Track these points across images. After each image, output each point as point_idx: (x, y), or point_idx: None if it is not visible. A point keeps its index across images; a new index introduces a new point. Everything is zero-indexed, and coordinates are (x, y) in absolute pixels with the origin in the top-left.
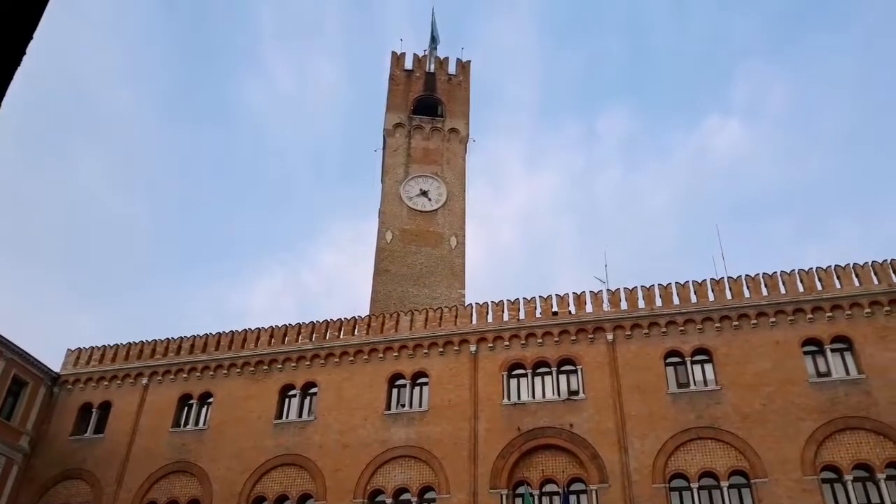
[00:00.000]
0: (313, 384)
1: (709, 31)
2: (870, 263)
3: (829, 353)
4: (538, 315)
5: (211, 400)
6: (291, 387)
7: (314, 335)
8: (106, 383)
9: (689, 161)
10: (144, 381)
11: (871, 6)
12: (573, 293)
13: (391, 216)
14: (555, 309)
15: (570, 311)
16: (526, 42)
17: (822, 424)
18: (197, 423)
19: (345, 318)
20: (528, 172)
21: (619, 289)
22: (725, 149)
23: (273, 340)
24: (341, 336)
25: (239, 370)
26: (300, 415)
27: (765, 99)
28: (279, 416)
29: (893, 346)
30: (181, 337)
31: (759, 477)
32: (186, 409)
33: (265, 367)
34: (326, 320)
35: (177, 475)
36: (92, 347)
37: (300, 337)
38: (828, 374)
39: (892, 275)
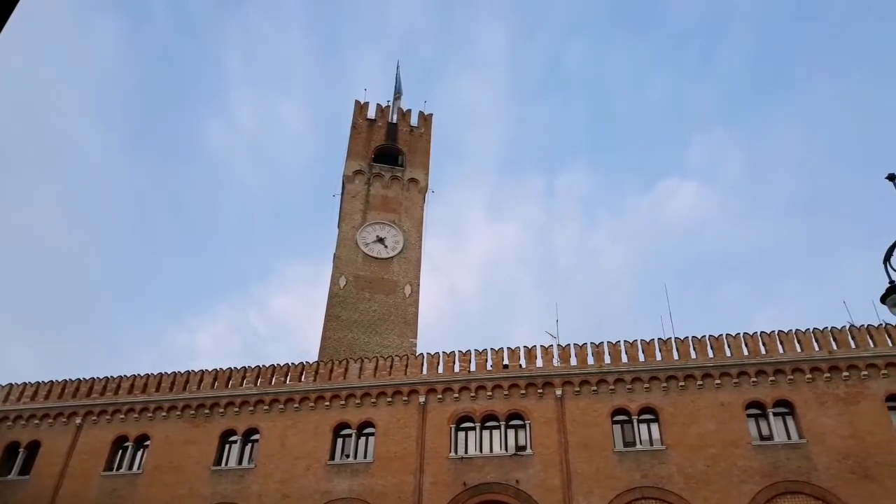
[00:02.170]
0: (255, 430)
1: (668, 98)
2: (811, 330)
3: (771, 417)
4: (489, 367)
5: (147, 443)
6: (233, 432)
7: (259, 380)
8: (36, 421)
9: (643, 221)
10: (78, 420)
11: (818, 81)
12: (524, 347)
13: (346, 262)
14: (505, 362)
15: (520, 365)
16: (494, 98)
17: (763, 487)
18: (131, 467)
19: (292, 364)
20: (487, 224)
21: (569, 345)
22: (679, 210)
23: (216, 383)
24: (287, 382)
25: (179, 413)
26: (240, 462)
27: (719, 165)
28: (218, 462)
29: (832, 411)
30: (120, 376)
31: None
32: (121, 451)
33: (206, 411)
34: (273, 365)
35: None
36: (24, 383)
37: (244, 381)
38: (770, 437)
39: (832, 342)
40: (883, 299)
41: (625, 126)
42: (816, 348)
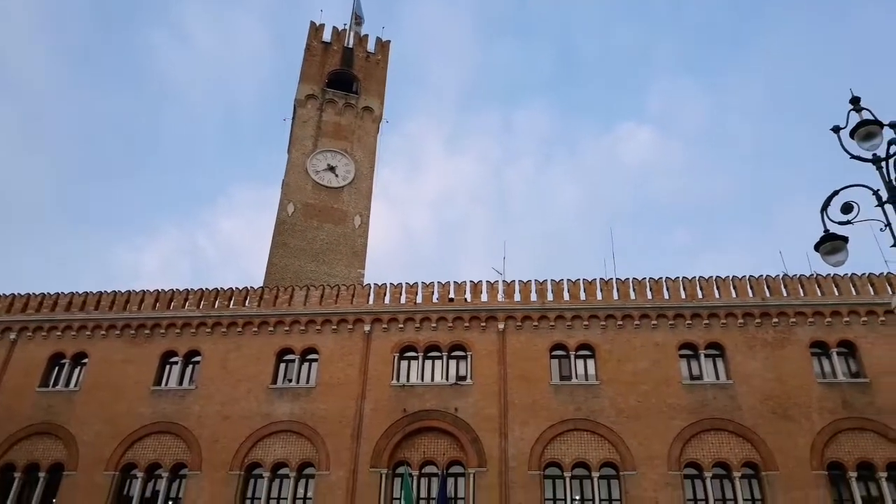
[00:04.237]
0: (197, 353)
1: (634, 45)
2: (746, 277)
3: (702, 358)
4: (435, 300)
5: (85, 361)
6: (174, 354)
7: (202, 303)
8: None
9: (598, 163)
10: (12, 336)
11: (778, 30)
12: (470, 282)
13: (295, 188)
14: (451, 296)
15: (465, 299)
16: (457, 31)
17: (690, 423)
18: (68, 384)
19: (236, 288)
20: (444, 158)
21: (514, 281)
22: (635, 155)
23: (158, 304)
24: (231, 306)
25: (118, 332)
26: (181, 383)
27: (678, 112)
28: (158, 382)
29: (760, 355)
30: (57, 293)
31: (628, 469)
32: (57, 368)
33: (147, 332)
34: (216, 289)
35: (40, 437)
36: None
37: (187, 303)
38: (699, 377)
39: (766, 289)
40: (817, 247)
41: (588, 69)
42: (750, 295)
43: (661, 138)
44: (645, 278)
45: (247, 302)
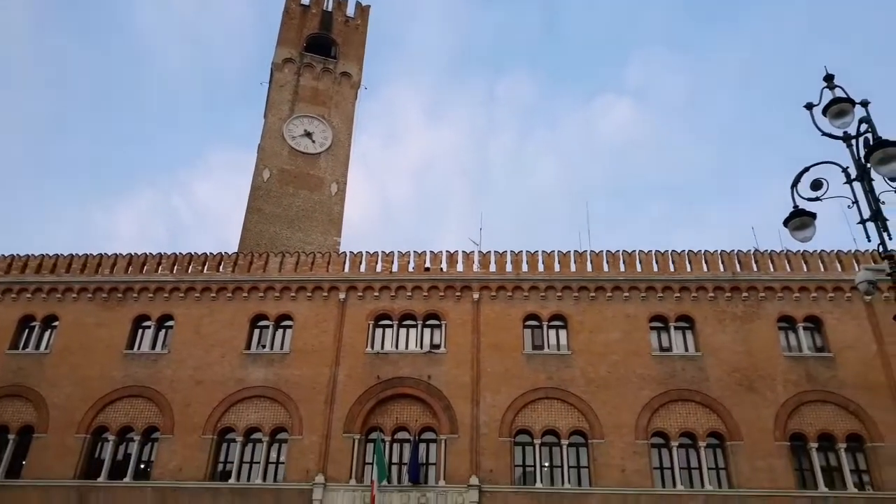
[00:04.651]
0: (170, 317)
1: (619, 15)
2: (718, 252)
3: (672, 330)
4: (411, 269)
5: (56, 324)
6: (146, 318)
7: (175, 267)
8: None
9: (578, 136)
10: None
11: (762, 4)
12: (446, 251)
13: (271, 154)
14: (427, 265)
15: (441, 269)
16: None
17: (658, 394)
18: (38, 346)
19: (210, 253)
20: (425, 126)
21: (490, 251)
22: (613, 128)
23: (131, 268)
24: (205, 271)
25: (90, 295)
26: (153, 347)
27: (656, 84)
28: (130, 346)
29: (729, 329)
30: (27, 255)
31: (597, 438)
32: (27, 331)
33: (119, 295)
34: (190, 253)
35: (10, 399)
36: None
37: (160, 267)
38: (669, 349)
39: (737, 264)
40: (785, 223)
41: (572, 39)
42: (721, 269)
43: (639, 111)
44: (618, 251)
45: (221, 267)
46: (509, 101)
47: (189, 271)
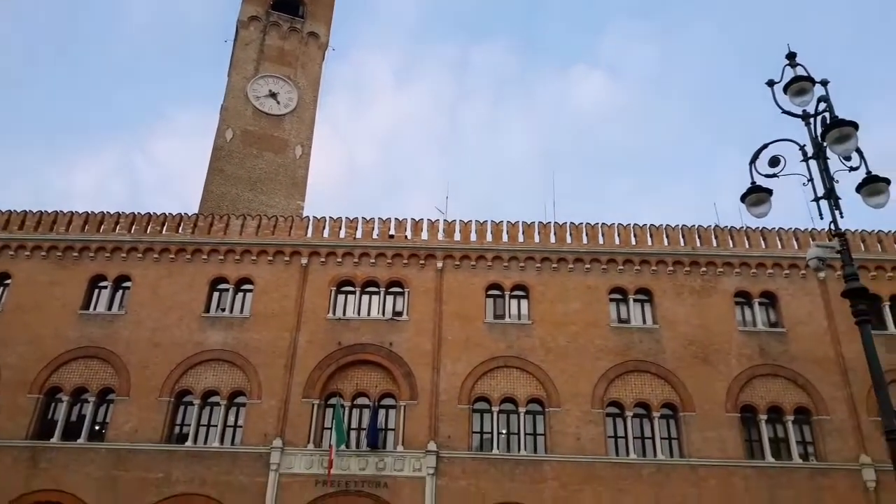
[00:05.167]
0: (127, 278)
1: None
2: (680, 226)
3: (631, 302)
4: (375, 236)
5: (9, 282)
6: (103, 278)
7: (134, 227)
8: None
9: (550, 105)
10: None
11: None
12: (411, 219)
13: (234, 114)
14: (392, 232)
15: (406, 236)
16: None
17: (615, 364)
18: None
19: (170, 214)
20: (395, 91)
21: (455, 220)
22: (584, 99)
23: (87, 227)
24: (164, 232)
25: (44, 253)
26: (110, 308)
27: (628, 57)
28: (86, 306)
29: (687, 302)
30: None
31: (554, 406)
32: None
33: (75, 254)
34: (149, 213)
35: None
36: None
37: (118, 227)
38: (627, 321)
39: (697, 239)
40: (742, 198)
41: (549, 6)
42: (682, 244)
43: (612, 83)
44: (582, 223)
45: (181, 228)
46: (482, 69)
47: (148, 231)
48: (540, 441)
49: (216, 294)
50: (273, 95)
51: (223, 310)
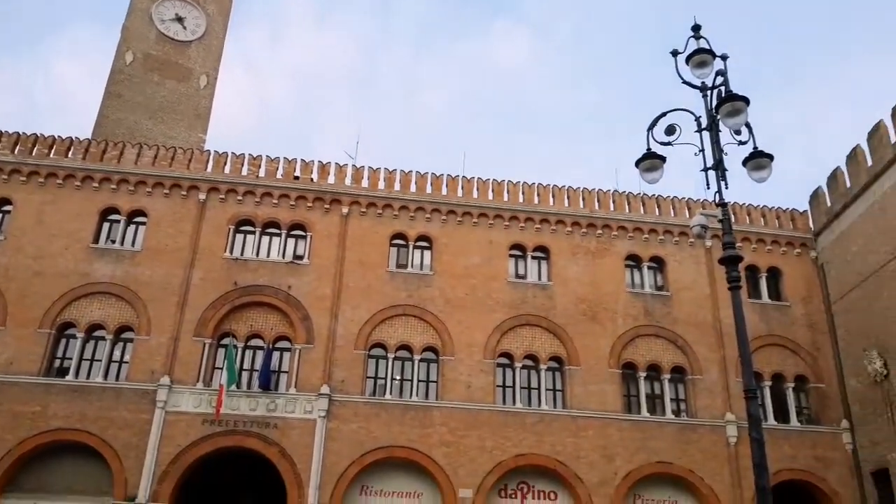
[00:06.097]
0: (8, 201)
1: None
2: (581, 189)
3: (529, 259)
4: (279, 176)
5: None
6: None
7: (17, 147)
8: None
9: (473, 59)
10: None
11: None
12: (318, 161)
13: (136, 35)
14: (297, 173)
15: (311, 179)
16: None
17: (509, 317)
18: None
19: (59, 136)
20: (313, 27)
21: (363, 167)
22: (508, 56)
23: None
24: (52, 155)
25: None
26: None
27: (554, 14)
28: None
29: (581, 262)
30: None
31: (448, 355)
32: None
33: None
34: (35, 134)
35: None
36: None
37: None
38: (524, 276)
39: (596, 202)
40: (637, 164)
41: None
42: (582, 206)
43: (535, 39)
44: (488, 179)
45: (70, 153)
46: (406, 15)
47: (34, 154)
48: (432, 388)
49: (106, 225)
50: (180, 20)
51: (113, 241)
